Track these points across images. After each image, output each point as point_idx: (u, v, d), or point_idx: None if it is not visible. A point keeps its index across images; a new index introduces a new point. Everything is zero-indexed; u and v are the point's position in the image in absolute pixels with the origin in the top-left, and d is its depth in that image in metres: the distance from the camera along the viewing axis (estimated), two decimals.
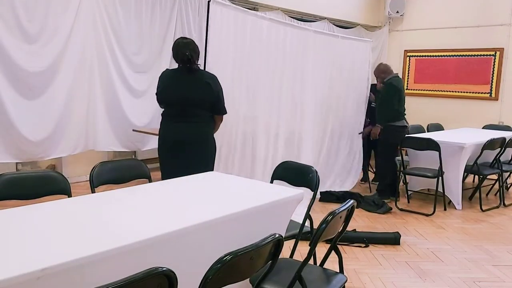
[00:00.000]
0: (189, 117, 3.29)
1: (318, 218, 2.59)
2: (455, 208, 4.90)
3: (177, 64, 3.34)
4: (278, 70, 4.61)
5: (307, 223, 2.79)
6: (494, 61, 7.00)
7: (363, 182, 6.01)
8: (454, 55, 7.41)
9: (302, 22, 6.85)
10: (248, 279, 1.82)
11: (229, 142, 4.22)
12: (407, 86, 8.13)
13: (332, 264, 2.34)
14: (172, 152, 3.33)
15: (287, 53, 4.68)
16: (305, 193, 2.45)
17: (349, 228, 2.62)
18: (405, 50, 8.05)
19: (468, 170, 4.97)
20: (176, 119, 3.31)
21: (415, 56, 7.93)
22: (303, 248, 3.35)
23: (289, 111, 4.84)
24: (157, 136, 3.48)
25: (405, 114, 5.23)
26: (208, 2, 3.72)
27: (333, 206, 4.60)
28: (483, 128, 6.49)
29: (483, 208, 4.92)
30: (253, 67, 4.34)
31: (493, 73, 7.02)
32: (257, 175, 4.46)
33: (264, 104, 4.52)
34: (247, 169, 4.47)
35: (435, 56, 7.64)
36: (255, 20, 4.24)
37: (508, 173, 5.46)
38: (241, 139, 4.37)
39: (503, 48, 6.90)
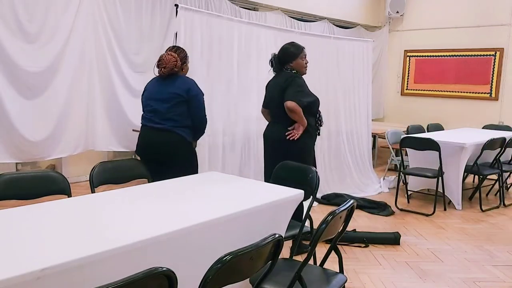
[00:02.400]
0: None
1: (318, 218, 2.59)
2: (455, 208, 4.90)
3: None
4: (263, 73, 4.56)
5: (307, 223, 2.79)
6: (494, 61, 7.01)
7: None
8: (454, 55, 7.41)
9: (302, 22, 6.85)
10: (248, 279, 1.82)
11: (216, 144, 4.26)
12: (407, 86, 8.14)
13: (332, 264, 2.34)
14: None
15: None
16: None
17: (349, 228, 2.62)
18: (405, 50, 8.06)
19: (468, 170, 4.97)
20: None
21: (415, 56, 7.94)
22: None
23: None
24: None
25: None
26: (176, 8, 3.72)
27: (333, 207, 4.60)
28: (483, 128, 6.49)
29: (483, 208, 4.92)
30: (232, 70, 4.29)
31: (493, 73, 7.03)
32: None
33: (250, 106, 4.51)
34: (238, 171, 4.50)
35: (435, 56, 7.64)
36: (231, 25, 4.21)
37: (508, 173, 5.45)
38: (232, 140, 4.40)
39: (503, 48, 6.91)
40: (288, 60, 3.45)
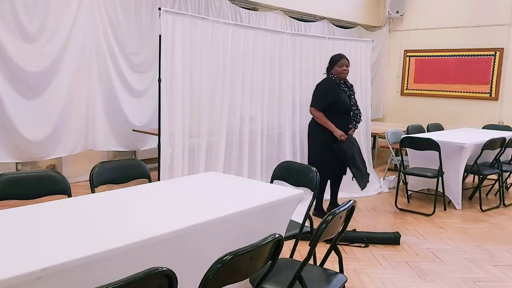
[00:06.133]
0: None
1: (318, 218, 2.59)
2: (455, 208, 4.90)
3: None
4: (251, 74, 4.55)
5: (307, 223, 2.79)
6: (494, 61, 7.01)
7: None
8: (454, 55, 7.41)
9: (302, 22, 6.86)
10: (248, 279, 1.82)
11: (216, 143, 4.28)
12: (407, 86, 8.13)
13: (332, 264, 2.34)
14: None
15: (265, 57, 4.64)
16: (305, 193, 2.45)
17: (349, 228, 2.63)
18: (405, 50, 8.06)
19: (468, 170, 4.97)
20: None
21: (415, 56, 7.94)
22: (303, 248, 3.36)
23: (267, 107, 4.81)
24: (157, 136, 3.50)
25: None
26: (160, 11, 3.73)
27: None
28: (483, 128, 6.49)
29: (483, 208, 4.92)
30: (219, 71, 4.27)
31: (493, 73, 7.03)
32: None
33: (240, 106, 4.51)
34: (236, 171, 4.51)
35: (435, 56, 7.64)
36: (217, 26, 4.19)
37: (508, 173, 5.45)
38: (230, 140, 4.42)
39: (503, 48, 6.91)
40: (330, 67, 4.32)
